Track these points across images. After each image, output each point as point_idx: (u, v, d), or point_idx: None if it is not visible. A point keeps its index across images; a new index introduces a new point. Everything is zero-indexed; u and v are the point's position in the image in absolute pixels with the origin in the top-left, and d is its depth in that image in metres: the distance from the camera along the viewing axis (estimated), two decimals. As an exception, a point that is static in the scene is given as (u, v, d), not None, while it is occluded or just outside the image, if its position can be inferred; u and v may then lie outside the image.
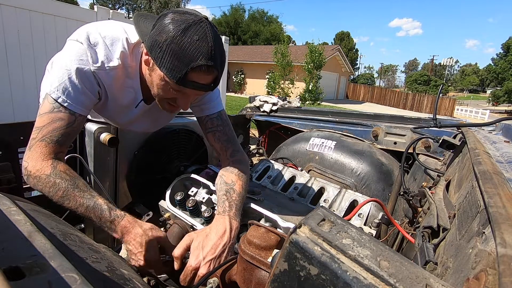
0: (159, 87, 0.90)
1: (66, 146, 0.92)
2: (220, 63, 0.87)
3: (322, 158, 1.67)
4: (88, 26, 0.97)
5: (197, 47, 0.80)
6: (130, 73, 0.99)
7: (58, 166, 0.86)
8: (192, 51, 0.80)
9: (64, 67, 0.88)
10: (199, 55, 0.81)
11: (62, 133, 0.87)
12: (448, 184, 1.03)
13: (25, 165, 0.85)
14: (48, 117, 0.87)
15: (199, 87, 0.87)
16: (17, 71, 3.55)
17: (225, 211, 0.95)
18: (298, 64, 16.22)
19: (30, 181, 0.85)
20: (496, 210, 0.48)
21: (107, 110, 1.07)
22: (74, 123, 0.90)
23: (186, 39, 0.80)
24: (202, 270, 0.82)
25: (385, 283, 0.37)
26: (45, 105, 0.88)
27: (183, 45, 0.80)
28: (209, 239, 0.87)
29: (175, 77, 0.83)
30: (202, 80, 0.86)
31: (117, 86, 0.99)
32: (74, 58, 0.89)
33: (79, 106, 0.90)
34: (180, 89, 0.88)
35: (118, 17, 4.32)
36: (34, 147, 0.85)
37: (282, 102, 2.38)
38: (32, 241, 0.39)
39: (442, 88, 2.10)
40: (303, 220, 0.46)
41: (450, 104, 24.83)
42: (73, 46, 0.91)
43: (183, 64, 0.81)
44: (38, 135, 0.86)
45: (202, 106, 1.15)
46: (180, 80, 0.83)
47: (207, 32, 0.82)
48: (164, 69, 0.83)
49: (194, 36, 0.80)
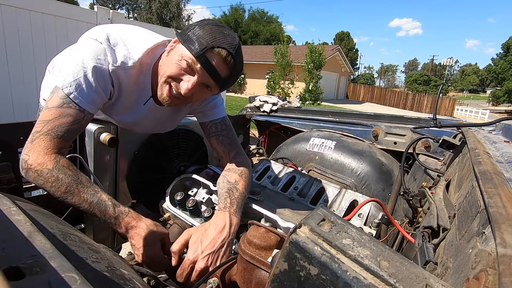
0: (172, 63, 0.92)
1: (70, 142, 0.91)
2: (236, 68, 0.93)
3: (322, 158, 1.67)
4: (108, 27, 0.99)
5: (225, 37, 0.89)
6: (144, 70, 1.00)
7: (61, 161, 0.84)
8: (220, 37, 0.88)
9: (81, 64, 0.87)
10: (224, 41, 0.88)
11: (68, 128, 0.86)
12: (448, 184, 1.03)
13: (25, 158, 0.82)
14: (56, 111, 0.85)
15: (212, 71, 0.89)
16: (17, 71, 3.55)
17: (226, 207, 0.95)
18: (298, 64, 16.23)
19: (29, 174, 0.82)
20: (496, 210, 0.48)
21: (115, 109, 1.06)
22: (82, 120, 0.89)
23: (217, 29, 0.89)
24: (199, 264, 0.82)
25: (385, 283, 0.37)
26: (55, 99, 0.86)
27: (212, 30, 0.88)
28: (208, 233, 0.87)
29: (195, 50, 0.87)
30: (218, 65, 0.89)
31: (131, 83, 1.00)
32: (92, 56, 0.89)
33: (90, 104, 0.90)
34: (193, 66, 0.89)
35: (118, 17, 4.32)
36: (37, 141, 0.83)
37: (282, 102, 2.38)
38: (32, 241, 0.39)
39: (442, 88, 2.10)
40: (303, 220, 0.46)
41: (450, 104, 24.84)
42: (91, 44, 0.91)
43: (207, 41, 0.87)
44: (43, 129, 0.84)
45: (207, 112, 1.17)
46: (199, 53, 0.87)
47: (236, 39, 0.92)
48: (187, 44, 0.88)
49: (225, 31, 0.91)
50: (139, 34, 1.03)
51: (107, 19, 4.20)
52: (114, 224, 0.85)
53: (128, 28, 1.03)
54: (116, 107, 1.05)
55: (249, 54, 23.26)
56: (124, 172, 1.41)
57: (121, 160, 1.38)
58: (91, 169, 1.31)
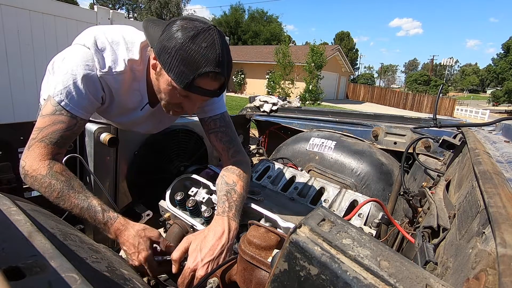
0: (166, 91, 0.91)
1: (64, 148, 0.93)
2: (228, 70, 0.89)
3: (322, 158, 1.67)
4: (95, 30, 0.97)
5: (205, 54, 0.82)
6: (137, 76, 1.00)
7: (55, 167, 0.87)
8: (200, 58, 0.81)
9: (70, 72, 0.88)
10: (207, 62, 0.82)
11: (61, 135, 0.88)
12: (448, 184, 1.03)
13: (22, 164, 0.86)
14: (49, 119, 0.88)
15: (206, 93, 0.88)
16: (17, 71, 3.54)
17: (225, 211, 0.95)
18: (298, 64, 16.23)
19: (27, 180, 0.86)
20: (496, 210, 0.48)
21: (111, 113, 1.07)
22: (74, 127, 0.91)
23: (194, 46, 0.81)
24: (200, 272, 0.82)
25: (385, 283, 0.37)
26: (48, 106, 0.89)
27: (191, 52, 0.81)
28: (207, 240, 0.87)
29: (182, 82, 0.84)
30: (209, 86, 0.87)
31: (123, 90, 1.00)
32: (80, 63, 0.89)
33: (81, 110, 0.91)
34: (187, 94, 0.89)
35: (118, 17, 4.32)
36: (33, 147, 0.86)
37: (282, 102, 2.38)
38: (32, 241, 0.39)
39: (442, 88, 2.10)
40: (303, 220, 0.46)
41: (450, 104, 24.83)
42: (79, 51, 0.92)
43: (190, 71, 0.82)
44: (38, 136, 0.87)
45: (205, 108, 1.16)
46: (187, 86, 0.84)
47: (216, 40, 0.83)
48: (172, 74, 0.84)
49: (203, 43, 0.81)
50: (127, 34, 1.00)
51: (107, 19, 4.20)
52: (104, 230, 0.87)
53: (115, 29, 1.01)
54: (111, 111, 1.06)
55: (249, 54, 23.25)
56: (124, 172, 1.41)
57: (121, 160, 1.38)
58: (91, 169, 1.31)
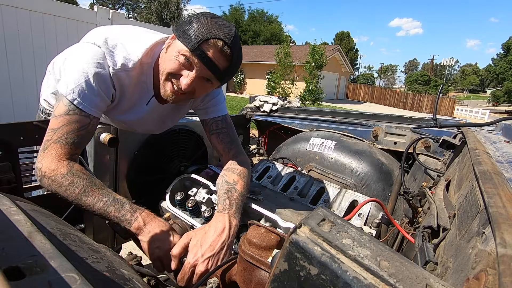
0: (171, 59, 0.91)
1: (81, 148, 0.92)
2: (235, 58, 0.91)
3: (322, 158, 1.67)
4: (105, 30, 0.99)
5: (220, 26, 0.87)
6: (145, 70, 1.01)
7: (75, 166, 0.87)
8: (214, 27, 0.86)
9: (81, 70, 0.88)
10: (220, 31, 0.86)
11: (77, 134, 0.88)
12: (448, 184, 1.03)
13: (39, 167, 0.85)
14: (63, 119, 0.87)
15: (209, 64, 0.88)
16: (17, 71, 3.55)
17: (225, 209, 0.95)
18: (299, 64, 16.23)
19: (44, 181, 0.85)
20: (496, 210, 0.48)
21: (117, 110, 1.07)
22: (89, 125, 0.91)
23: (212, 20, 0.88)
24: (200, 268, 0.82)
25: (385, 283, 0.37)
26: (60, 107, 0.88)
27: (207, 22, 0.87)
28: (207, 236, 0.87)
29: (191, 43, 0.86)
30: (215, 57, 0.88)
31: (132, 84, 1.01)
32: (91, 61, 0.89)
33: (94, 108, 0.91)
34: (191, 61, 0.89)
35: (118, 17, 4.32)
36: (49, 149, 0.85)
37: (282, 102, 2.38)
38: (32, 241, 0.39)
39: (442, 88, 2.10)
40: (303, 220, 0.46)
41: (450, 104, 24.83)
42: (90, 49, 0.92)
43: (201, 33, 0.86)
44: (53, 137, 0.86)
45: (208, 109, 1.16)
46: (195, 47, 0.86)
47: (233, 28, 0.90)
48: (182, 39, 0.88)
49: (220, 21, 0.89)
50: (137, 34, 1.03)
51: (107, 19, 4.20)
52: (129, 220, 0.85)
53: (126, 28, 1.03)
54: (118, 108, 1.06)
55: (249, 54, 23.25)
56: (124, 172, 1.41)
57: (121, 160, 1.38)
58: (91, 169, 1.31)
